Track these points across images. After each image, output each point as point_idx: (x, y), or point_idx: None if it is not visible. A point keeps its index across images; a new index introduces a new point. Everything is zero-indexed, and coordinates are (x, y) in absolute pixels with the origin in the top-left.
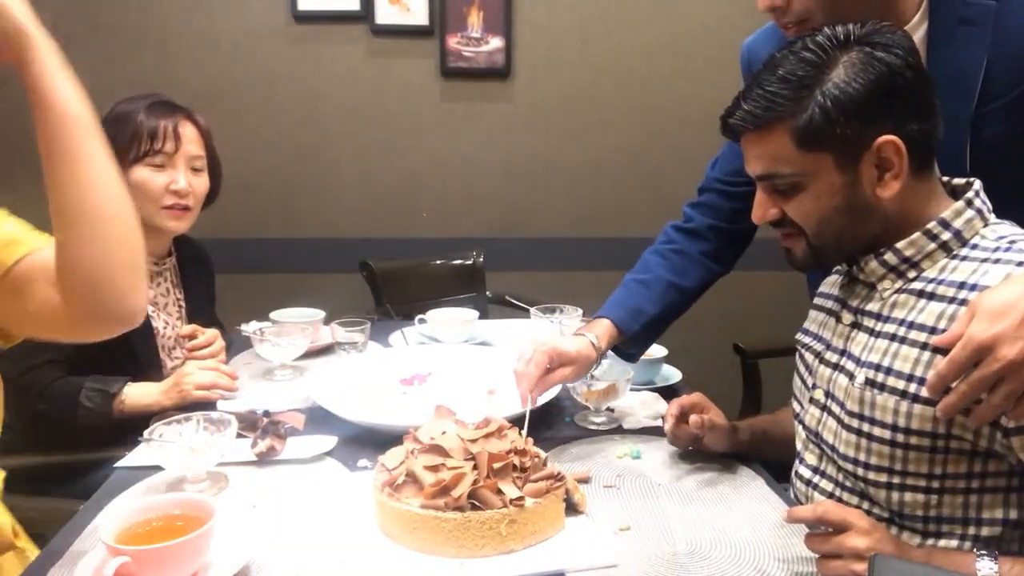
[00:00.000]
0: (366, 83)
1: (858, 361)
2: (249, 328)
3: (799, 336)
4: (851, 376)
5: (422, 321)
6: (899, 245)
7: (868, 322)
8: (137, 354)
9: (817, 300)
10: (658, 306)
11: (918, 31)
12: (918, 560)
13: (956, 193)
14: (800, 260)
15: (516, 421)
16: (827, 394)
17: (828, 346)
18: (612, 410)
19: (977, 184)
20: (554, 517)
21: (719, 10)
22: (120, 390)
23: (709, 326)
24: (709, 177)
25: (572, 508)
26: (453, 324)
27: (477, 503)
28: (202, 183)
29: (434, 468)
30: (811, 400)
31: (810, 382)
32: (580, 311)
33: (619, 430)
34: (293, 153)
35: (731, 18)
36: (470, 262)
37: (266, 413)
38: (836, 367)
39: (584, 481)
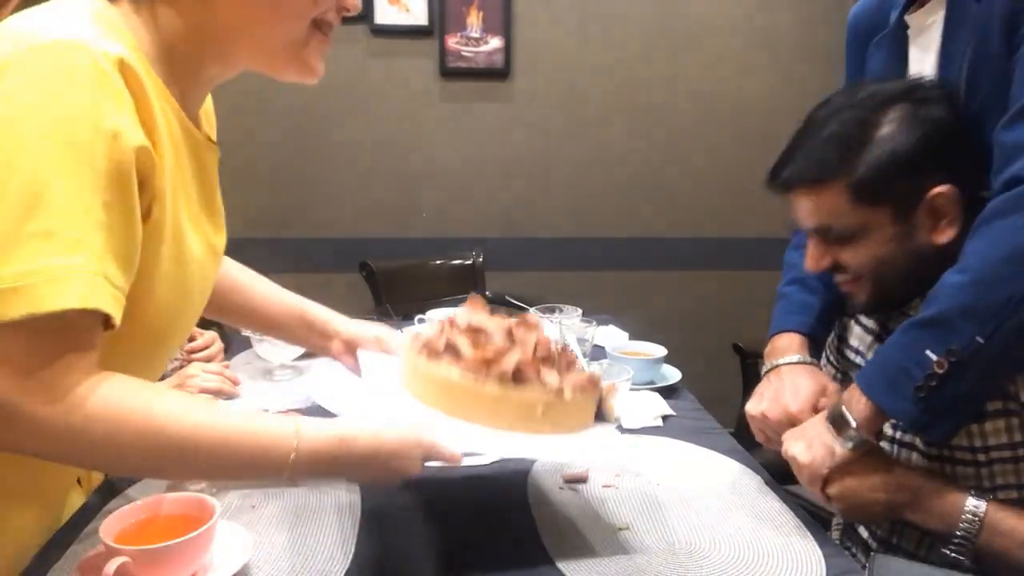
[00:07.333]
0: (366, 83)
1: None
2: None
3: (853, 359)
4: None
5: (422, 321)
6: None
7: None
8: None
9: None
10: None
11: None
12: (909, 486)
13: (985, 204)
14: (864, 304)
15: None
16: (896, 425)
17: None
18: None
19: None
20: (587, 416)
21: (720, 9)
22: None
23: (709, 326)
24: None
25: (602, 416)
26: None
27: (518, 381)
28: None
29: (476, 343)
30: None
31: None
32: (580, 311)
33: (619, 430)
34: (293, 153)
35: (731, 18)
36: (470, 262)
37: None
38: None
39: (582, 480)
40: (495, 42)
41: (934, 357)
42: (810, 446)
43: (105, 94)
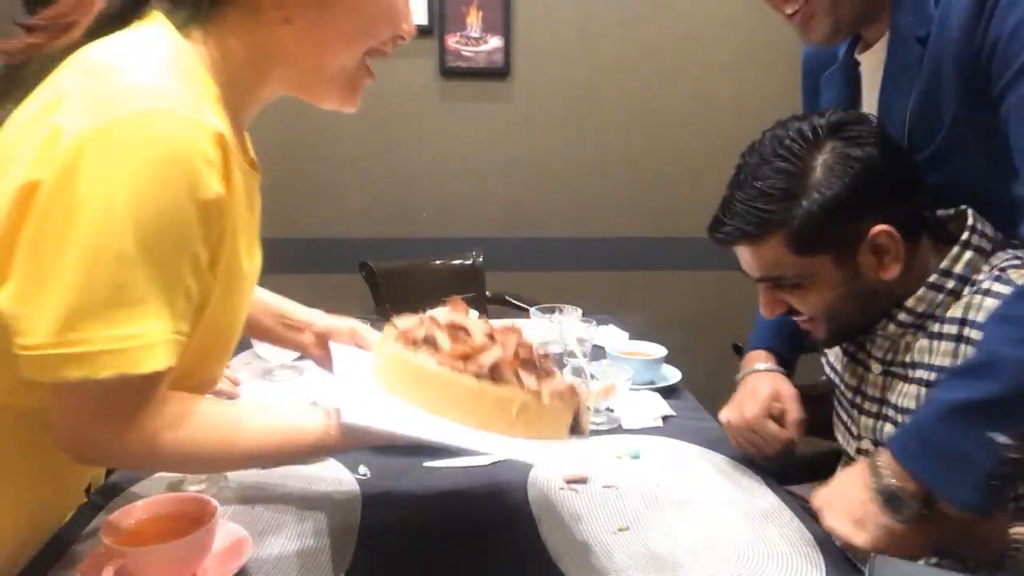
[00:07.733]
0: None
1: (899, 409)
2: None
3: (831, 375)
4: (897, 424)
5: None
6: (909, 304)
7: (898, 370)
8: None
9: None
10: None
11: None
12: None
13: (946, 225)
14: (824, 341)
15: None
16: (877, 443)
17: (864, 396)
18: (612, 410)
19: (971, 219)
20: (561, 427)
21: (719, 10)
22: None
23: (709, 326)
24: None
25: (577, 428)
26: None
27: (495, 379)
28: None
29: (456, 339)
30: (858, 451)
31: (855, 431)
32: (580, 311)
33: (619, 430)
34: (293, 153)
35: (731, 17)
36: (470, 262)
37: None
38: (878, 416)
39: (582, 480)
40: (495, 42)
41: (1002, 440)
42: (861, 525)
43: (200, 167)
